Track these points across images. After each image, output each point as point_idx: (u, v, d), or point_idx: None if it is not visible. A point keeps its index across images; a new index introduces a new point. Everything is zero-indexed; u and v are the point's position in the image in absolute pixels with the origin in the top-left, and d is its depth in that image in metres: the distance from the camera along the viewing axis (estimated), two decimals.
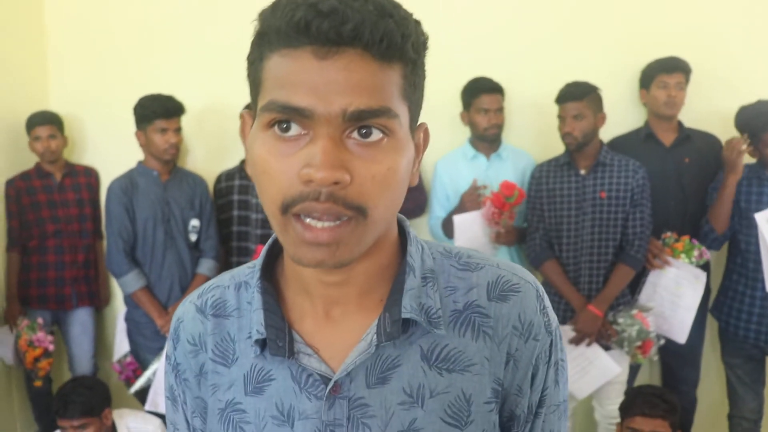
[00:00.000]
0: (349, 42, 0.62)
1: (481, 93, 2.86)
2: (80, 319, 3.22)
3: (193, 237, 2.96)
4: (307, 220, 0.65)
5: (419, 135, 0.75)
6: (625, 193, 2.68)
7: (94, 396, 2.57)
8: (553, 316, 0.80)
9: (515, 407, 0.78)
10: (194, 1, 3.26)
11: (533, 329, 0.76)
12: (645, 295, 2.79)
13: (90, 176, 3.31)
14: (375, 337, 0.73)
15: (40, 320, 2.96)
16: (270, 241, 0.82)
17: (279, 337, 0.74)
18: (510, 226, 2.78)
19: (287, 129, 0.65)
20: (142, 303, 2.83)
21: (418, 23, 0.67)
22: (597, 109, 2.69)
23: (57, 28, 3.40)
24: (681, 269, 2.74)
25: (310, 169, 0.62)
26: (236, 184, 3.11)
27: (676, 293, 2.74)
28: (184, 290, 2.91)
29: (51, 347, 2.91)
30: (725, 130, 2.86)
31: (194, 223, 2.95)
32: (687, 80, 2.81)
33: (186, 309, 0.85)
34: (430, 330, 0.74)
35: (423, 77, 0.72)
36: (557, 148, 2.89)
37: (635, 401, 2.41)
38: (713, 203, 2.71)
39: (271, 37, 0.65)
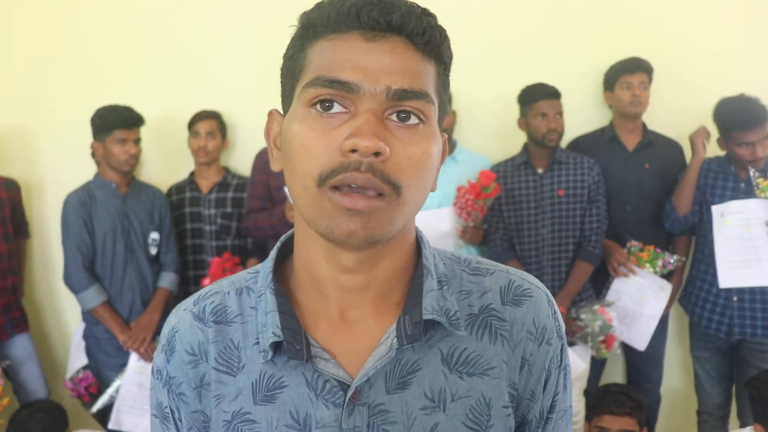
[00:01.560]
0: (396, 29, 0.68)
1: None
2: (21, 345, 3.05)
3: (153, 250, 2.93)
4: (344, 190, 0.66)
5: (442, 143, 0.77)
6: (582, 191, 2.77)
7: (52, 422, 2.53)
8: (562, 322, 0.82)
9: (527, 412, 0.79)
10: (146, 10, 3.22)
11: (546, 334, 0.78)
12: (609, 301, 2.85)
13: (11, 189, 3.09)
14: (395, 340, 0.73)
15: None
16: (278, 243, 0.82)
17: (296, 340, 0.73)
18: (479, 222, 2.81)
19: (329, 107, 0.67)
20: (103, 318, 2.78)
21: (448, 36, 0.74)
22: None
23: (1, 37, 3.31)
24: (645, 279, 2.82)
25: (355, 138, 0.64)
26: (187, 196, 3.10)
27: (639, 301, 2.82)
28: (146, 304, 2.87)
29: (1, 381, 2.73)
30: (688, 129, 2.94)
31: (154, 236, 2.92)
32: (650, 79, 2.89)
33: (181, 317, 0.81)
34: (451, 332, 0.75)
35: (448, 87, 0.77)
36: (512, 150, 2.98)
37: (603, 400, 2.49)
38: (677, 185, 2.80)
39: (317, 27, 0.70)
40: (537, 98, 2.77)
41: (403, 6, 0.68)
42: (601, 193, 2.81)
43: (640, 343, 2.84)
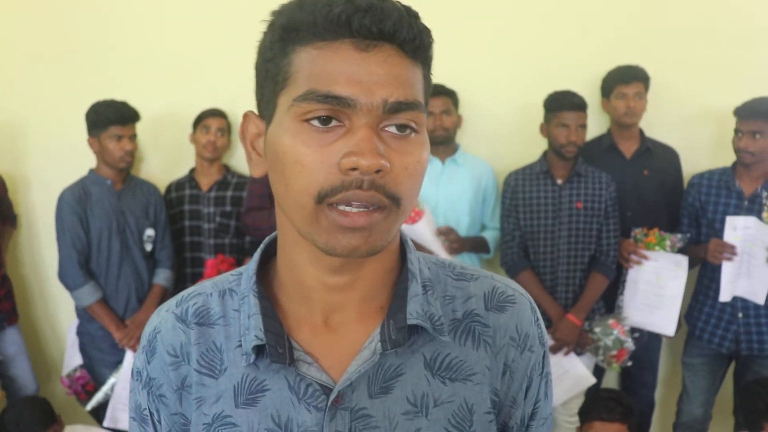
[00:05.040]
0: (388, 38, 0.68)
1: None
2: (11, 339, 3.17)
3: (149, 247, 3.03)
4: (341, 207, 0.68)
5: None
6: (599, 205, 2.86)
7: (44, 415, 2.65)
8: (544, 329, 0.86)
9: (509, 419, 0.82)
10: (144, 7, 3.31)
11: (529, 340, 0.81)
12: (628, 295, 2.93)
13: None
14: (379, 344, 0.75)
15: None
16: (262, 246, 0.85)
17: (279, 344, 0.75)
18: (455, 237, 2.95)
19: (326, 122, 0.68)
20: (99, 316, 2.87)
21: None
22: None
23: None
24: (660, 260, 2.89)
25: (355, 157, 0.66)
26: (187, 193, 3.20)
27: (659, 285, 2.89)
28: (142, 301, 2.98)
29: None
30: (686, 136, 3.11)
31: (149, 232, 3.02)
32: (646, 88, 2.96)
33: (163, 318, 0.84)
34: (435, 337, 0.77)
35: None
36: (513, 155, 3.09)
37: (594, 406, 2.57)
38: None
39: (301, 32, 0.69)
40: (561, 108, 2.83)
41: (394, 12, 0.67)
42: (616, 209, 2.90)
43: (669, 328, 2.90)
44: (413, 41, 0.69)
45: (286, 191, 0.71)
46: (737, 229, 2.78)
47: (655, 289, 2.90)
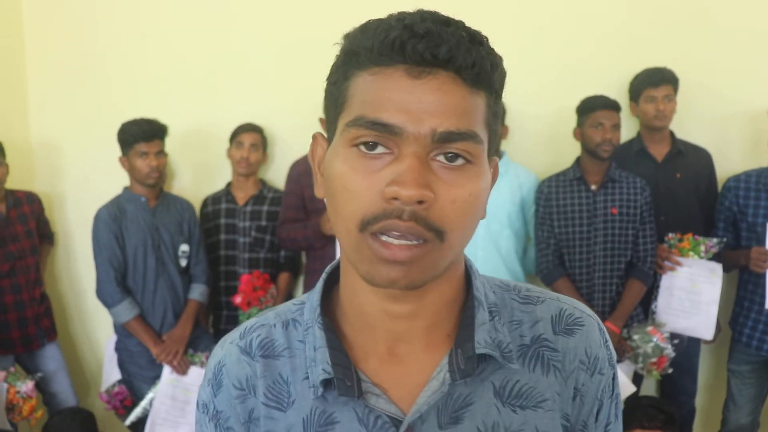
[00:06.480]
0: (443, 64, 0.66)
1: None
2: (52, 356, 3.22)
3: (183, 262, 3.08)
4: (384, 238, 0.67)
5: (491, 168, 0.77)
6: (635, 210, 2.85)
7: (86, 427, 2.71)
8: (613, 350, 0.83)
9: None
10: (177, 25, 3.39)
11: (599, 363, 0.80)
12: (663, 301, 2.92)
13: (33, 203, 3.28)
14: (448, 375, 0.75)
15: (12, 369, 2.88)
16: (324, 275, 0.84)
17: (347, 376, 0.74)
18: None
19: (372, 147, 0.68)
20: (137, 332, 2.92)
21: (501, 58, 0.72)
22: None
23: (37, 54, 3.52)
24: (693, 267, 2.87)
25: (397, 187, 0.65)
26: (223, 207, 3.26)
27: (694, 291, 2.87)
28: (178, 317, 3.02)
29: (35, 394, 2.86)
30: (716, 139, 3.08)
31: (184, 248, 3.07)
32: (675, 90, 2.95)
33: (228, 351, 0.83)
34: (504, 365, 0.76)
35: (503, 111, 0.81)
36: (542, 163, 3.10)
37: (634, 414, 2.53)
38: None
39: (360, 56, 0.69)
40: (595, 108, 2.84)
41: (450, 38, 0.66)
42: (652, 214, 2.89)
43: (706, 332, 2.89)
44: (472, 68, 0.67)
45: (336, 215, 0.71)
46: None
47: (690, 296, 2.88)
